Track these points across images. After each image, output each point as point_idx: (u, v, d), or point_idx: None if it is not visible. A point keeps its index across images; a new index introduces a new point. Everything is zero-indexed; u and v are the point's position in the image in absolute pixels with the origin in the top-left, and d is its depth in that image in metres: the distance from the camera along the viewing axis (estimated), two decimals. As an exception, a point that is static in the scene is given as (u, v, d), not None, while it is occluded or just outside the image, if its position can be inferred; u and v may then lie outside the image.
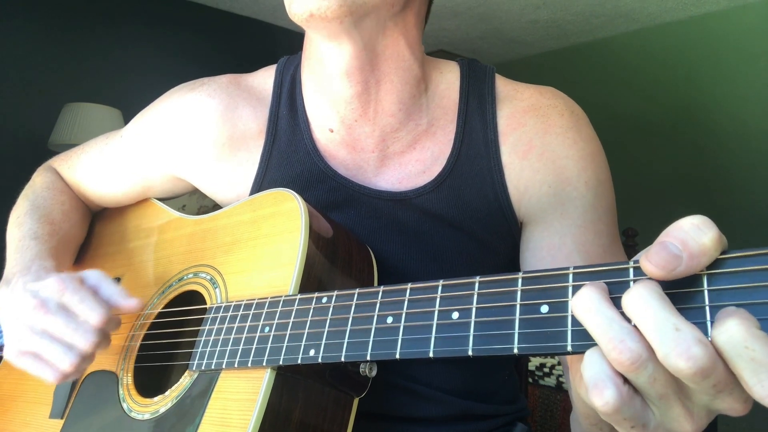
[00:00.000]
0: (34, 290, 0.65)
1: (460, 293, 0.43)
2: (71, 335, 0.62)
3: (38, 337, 0.63)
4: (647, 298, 0.33)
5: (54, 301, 0.63)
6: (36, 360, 0.64)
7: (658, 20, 3.21)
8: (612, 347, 0.33)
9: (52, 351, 0.62)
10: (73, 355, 0.62)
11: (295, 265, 0.58)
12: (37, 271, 0.70)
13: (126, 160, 0.85)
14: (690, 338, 0.31)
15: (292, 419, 0.54)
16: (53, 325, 0.62)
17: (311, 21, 0.60)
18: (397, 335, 0.45)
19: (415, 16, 0.69)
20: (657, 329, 0.32)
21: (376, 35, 0.65)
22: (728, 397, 0.33)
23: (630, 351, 0.33)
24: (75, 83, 2.89)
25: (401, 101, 0.70)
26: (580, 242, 0.67)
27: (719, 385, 0.32)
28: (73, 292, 0.63)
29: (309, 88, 0.74)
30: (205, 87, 0.78)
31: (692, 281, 0.34)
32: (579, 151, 0.69)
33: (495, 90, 0.73)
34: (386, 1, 0.62)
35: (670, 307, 0.33)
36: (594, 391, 0.34)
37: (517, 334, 0.39)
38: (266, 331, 0.55)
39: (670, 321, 0.32)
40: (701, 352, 0.31)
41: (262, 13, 3.47)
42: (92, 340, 0.62)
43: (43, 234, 0.79)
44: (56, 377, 0.64)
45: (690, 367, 0.31)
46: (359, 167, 0.73)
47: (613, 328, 0.34)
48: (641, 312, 0.33)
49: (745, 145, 2.91)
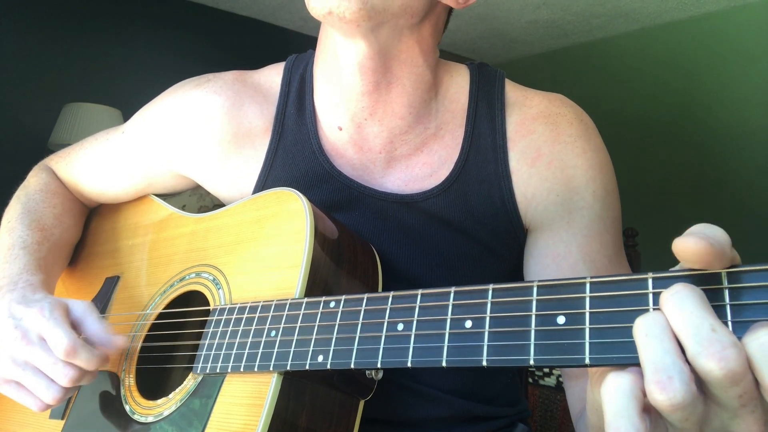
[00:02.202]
0: (18, 317, 0.63)
1: (473, 301, 0.43)
2: (50, 369, 0.61)
3: (20, 368, 0.62)
4: (687, 294, 0.32)
5: (35, 332, 0.62)
6: (19, 389, 0.63)
7: (658, 20, 3.21)
8: (656, 381, 0.32)
9: (34, 383, 0.62)
10: (54, 389, 0.62)
11: (301, 266, 0.57)
12: (23, 288, 0.68)
13: (128, 155, 0.84)
14: (726, 340, 0.30)
15: (298, 424, 0.53)
16: (34, 357, 0.61)
17: (329, 18, 0.60)
18: (408, 343, 0.45)
19: (432, 26, 0.69)
20: (692, 325, 0.31)
21: (392, 41, 0.65)
22: (749, 416, 0.32)
23: (674, 390, 0.31)
24: (75, 83, 2.88)
25: (411, 105, 0.69)
26: (585, 252, 0.67)
27: (745, 396, 0.31)
28: (47, 319, 0.61)
29: (321, 81, 0.74)
30: (210, 83, 0.77)
31: (714, 296, 0.34)
32: (587, 160, 0.69)
33: (504, 95, 0.73)
34: (406, 11, 0.62)
35: (709, 309, 0.32)
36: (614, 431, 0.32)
37: (533, 345, 0.38)
38: (273, 335, 0.54)
39: (708, 320, 0.31)
40: (735, 355, 0.30)
41: (262, 13, 3.46)
42: (70, 375, 0.61)
43: (32, 243, 0.78)
44: (40, 407, 0.63)
45: (722, 369, 0.30)
46: (366, 167, 0.73)
47: (665, 359, 0.32)
48: (678, 308, 0.32)
49: (745, 145, 2.91)
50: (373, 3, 0.59)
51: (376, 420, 0.66)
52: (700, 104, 3.10)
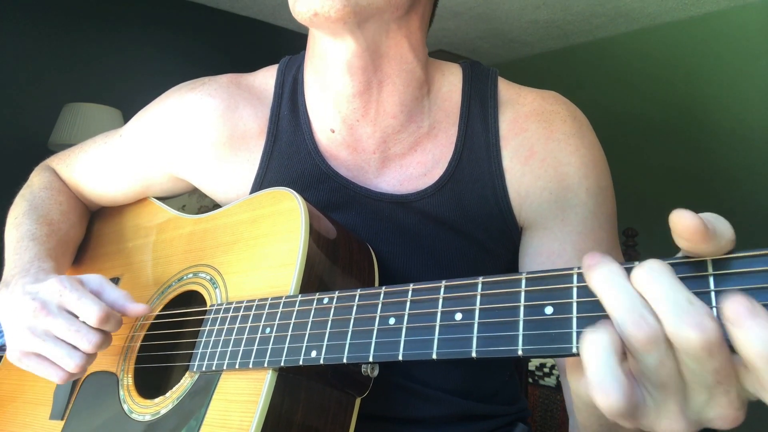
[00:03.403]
0: (33, 292, 0.64)
1: (463, 294, 0.43)
2: (73, 336, 0.62)
3: (40, 339, 0.63)
4: (661, 271, 0.33)
5: (54, 302, 0.63)
6: (40, 361, 0.64)
7: (658, 20, 3.21)
8: (631, 321, 0.33)
9: (56, 353, 0.62)
10: (77, 356, 0.63)
11: (296, 264, 0.58)
12: (36, 272, 0.69)
13: (125, 159, 0.84)
14: (703, 311, 0.31)
15: (294, 420, 0.53)
16: (55, 327, 0.62)
17: (315, 20, 0.60)
18: (399, 336, 0.45)
19: (419, 19, 0.69)
20: (670, 300, 0.32)
21: (380, 37, 0.65)
22: (723, 397, 0.33)
23: (648, 326, 0.33)
24: (75, 83, 2.89)
25: (403, 103, 0.69)
26: (580, 249, 0.67)
27: (720, 372, 0.32)
28: (71, 291, 0.63)
29: (311, 86, 0.74)
30: (205, 86, 0.78)
31: (698, 283, 0.34)
32: (581, 158, 0.69)
33: (497, 93, 0.73)
34: (390, 5, 0.62)
35: (682, 284, 0.33)
36: (600, 392, 0.33)
37: (521, 335, 0.38)
38: (267, 331, 0.55)
39: (683, 294, 0.32)
40: (713, 326, 0.31)
41: (262, 13, 3.46)
42: (94, 341, 0.62)
43: (41, 235, 0.78)
44: (62, 378, 0.64)
45: (700, 338, 0.31)
46: (360, 168, 0.73)
47: (634, 302, 0.33)
48: (654, 284, 0.33)
49: (745, 145, 2.91)
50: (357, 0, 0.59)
51: (376, 420, 0.67)
52: (700, 104, 3.10)
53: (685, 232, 0.33)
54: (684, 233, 0.33)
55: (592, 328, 0.34)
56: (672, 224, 0.33)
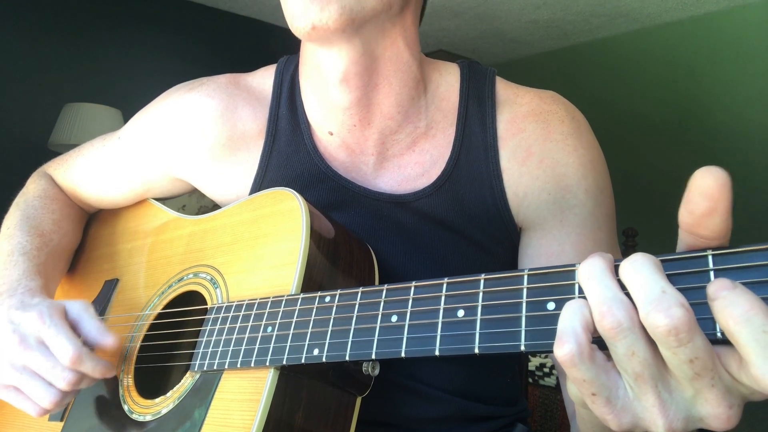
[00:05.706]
0: (16, 322, 0.63)
1: (465, 291, 0.43)
2: (49, 373, 0.61)
3: (18, 372, 0.62)
4: (643, 263, 0.34)
5: (33, 336, 0.62)
6: (17, 394, 0.64)
7: (658, 20, 3.21)
8: (597, 310, 0.34)
9: (32, 387, 0.62)
10: (52, 393, 0.62)
11: (297, 264, 0.57)
12: (22, 293, 0.69)
13: (124, 161, 0.84)
14: (673, 300, 0.32)
15: (295, 419, 0.53)
16: (32, 362, 0.61)
17: (314, 33, 0.59)
18: (402, 334, 0.45)
19: (412, 14, 0.68)
20: (644, 288, 0.33)
21: (376, 39, 0.64)
22: (710, 392, 0.33)
23: (613, 316, 0.34)
24: (75, 83, 2.89)
25: (400, 103, 0.69)
26: (579, 250, 0.66)
27: (697, 363, 0.32)
28: (49, 326, 0.62)
29: (307, 92, 0.74)
30: (204, 87, 0.78)
31: (699, 278, 0.34)
32: (579, 158, 0.68)
33: (495, 93, 0.73)
34: (384, 4, 0.61)
35: (662, 275, 0.34)
36: (557, 342, 0.35)
37: (524, 331, 0.39)
38: (269, 330, 0.55)
39: (659, 284, 0.33)
40: (681, 313, 0.32)
41: (262, 13, 3.47)
42: (68, 379, 0.61)
43: (31, 248, 0.78)
44: (38, 412, 0.63)
45: (666, 325, 0.32)
46: (358, 169, 0.73)
47: (606, 294, 0.35)
48: (634, 275, 0.34)
49: (745, 145, 2.91)
50: (350, 6, 0.58)
51: (375, 419, 0.67)
52: (700, 104, 3.10)
53: (712, 187, 0.33)
54: (709, 189, 0.33)
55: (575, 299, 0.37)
56: (696, 182, 0.33)
